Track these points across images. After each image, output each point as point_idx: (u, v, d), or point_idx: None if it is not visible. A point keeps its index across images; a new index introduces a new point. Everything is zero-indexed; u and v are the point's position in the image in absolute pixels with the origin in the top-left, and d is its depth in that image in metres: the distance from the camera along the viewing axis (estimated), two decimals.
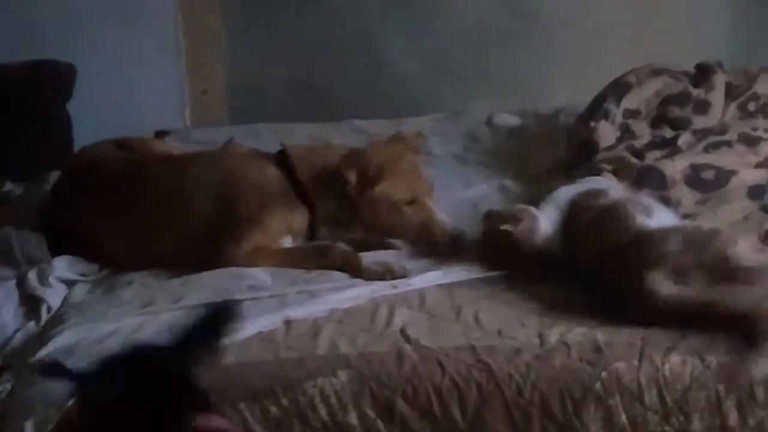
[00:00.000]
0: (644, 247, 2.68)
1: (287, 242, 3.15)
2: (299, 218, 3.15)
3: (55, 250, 3.18)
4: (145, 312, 2.81)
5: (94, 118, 4.27)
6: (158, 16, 4.80)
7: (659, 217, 2.85)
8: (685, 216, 3.04)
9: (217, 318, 2.11)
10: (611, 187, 3.06)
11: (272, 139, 3.67)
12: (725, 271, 2.61)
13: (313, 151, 3.26)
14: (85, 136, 3.83)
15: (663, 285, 2.60)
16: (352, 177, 3.11)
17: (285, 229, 3.14)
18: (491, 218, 3.03)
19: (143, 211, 3.17)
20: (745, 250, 2.65)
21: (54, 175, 3.57)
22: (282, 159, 3.20)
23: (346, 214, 3.15)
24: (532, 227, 2.95)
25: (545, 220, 2.97)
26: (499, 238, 2.96)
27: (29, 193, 3.67)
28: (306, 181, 3.15)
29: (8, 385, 2.60)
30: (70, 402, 2.44)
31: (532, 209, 3.00)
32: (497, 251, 2.99)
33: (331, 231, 3.18)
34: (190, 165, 3.22)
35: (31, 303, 2.96)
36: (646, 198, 3.00)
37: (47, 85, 4.23)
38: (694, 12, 4.92)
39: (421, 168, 3.29)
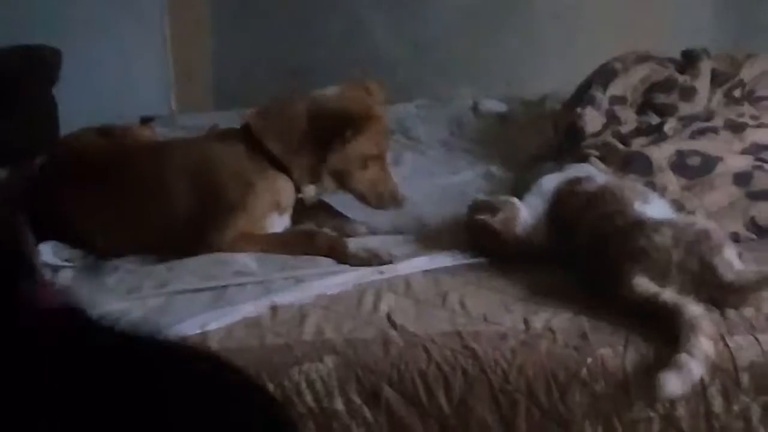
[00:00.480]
0: (633, 235, 2.67)
1: (275, 219, 3.15)
2: (283, 190, 3.16)
3: (40, 236, 3.17)
4: (130, 297, 2.80)
5: (80, 104, 4.26)
6: (145, 3, 4.78)
7: (655, 205, 2.84)
8: (673, 202, 3.04)
9: None
10: (595, 173, 3.06)
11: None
12: (708, 281, 2.60)
13: (274, 115, 3.23)
14: (71, 122, 3.82)
15: (641, 280, 2.59)
16: (348, 133, 3.11)
17: (270, 207, 3.14)
18: (473, 208, 3.03)
19: (125, 199, 3.17)
20: (731, 257, 2.64)
21: (40, 160, 3.56)
22: (247, 132, 3.20)
23: (315, 166, 3.15)
24: (512, 217, 2.94)
25: (526, 211, 2.97)
26: (480, 227, 2.96)
27: (15, 177, 3.66)
28: (274, 147, 3.15)
29: None
30: None
31: (515, 200, 3.00)
32: (478, 240, 2.99)
33: (310, 183, 3.18)
34: (168, 152, 3.22)
35: None
36: (639, 184, 3.00)
37: (33, 70, 4.21)
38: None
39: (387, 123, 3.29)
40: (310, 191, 3.20)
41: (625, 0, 4.91)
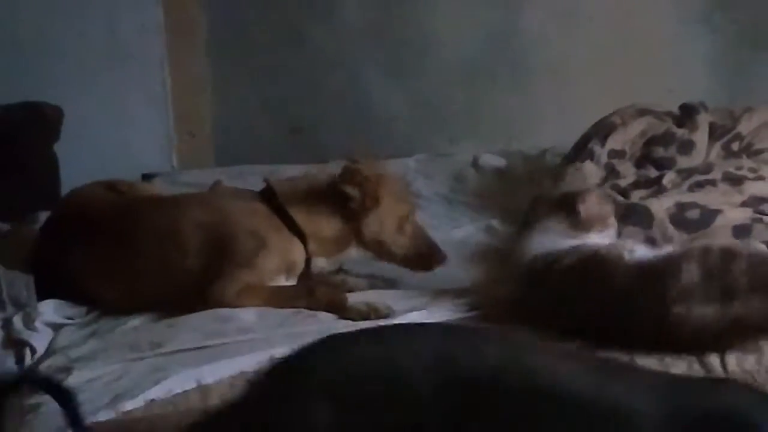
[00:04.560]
0: (660, 281, 2.69)
1: (282, 282, 3.15)
2: (295, 254, 3.16)
3: (44, 291, 3.17)
4: (127, 359, 2.80)
5: (81, 160, 4.28)
6: (145, 59, 4.81)
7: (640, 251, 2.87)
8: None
9: None
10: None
11: (258, 181, 3.68)
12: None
13: (297, 182, 3.27)
14: (73, 178, 3.83)
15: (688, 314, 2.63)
16: (354, 192, 3.12)
17: (279, 269, 3.14)
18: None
19: (133, 253, 3.16)
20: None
21: (42, 216, 3.57)
22: (268, 195, 3.21)
23: (342, 238, 3.17)
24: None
25: None
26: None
27: (17, 233, 3.67)
28: (296, 213, 3.16)
29: None
30: None
31: None
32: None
33: (329, 255, 3.19)
34: (180, 207, 3.22)
35: (16, 347, 2.96)
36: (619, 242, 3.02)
37: (35, 126, 4.24)
38: (676, 53, 4.95)
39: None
40: (322, 263, 3.20)
41: (621, 55, 4.93)
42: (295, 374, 1.89)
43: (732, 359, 2.62)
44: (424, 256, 3.19)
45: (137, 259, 3.15)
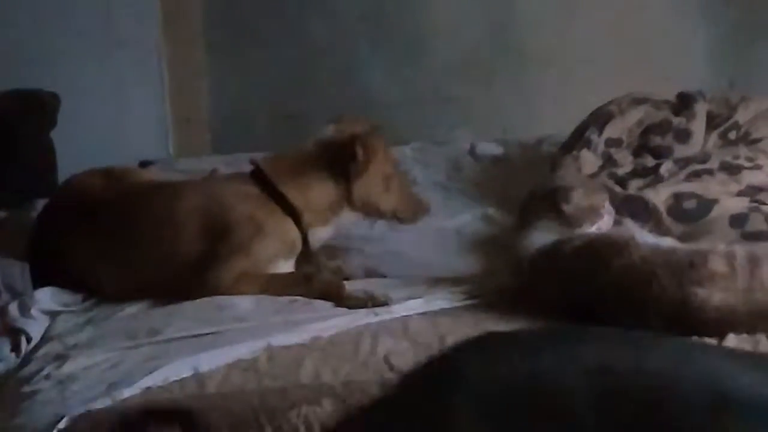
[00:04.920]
0: (684, 264, 2.71)
1: (280, 265, 3.15)
2: (292, 234, 3.17)
3: (40, 279, 3.17)
4: (123, 347, 2.80)
5: (77, 147, 4.28)
6: (142, 46, 4.81)
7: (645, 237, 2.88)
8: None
9: None
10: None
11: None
12: None
13: (284, 157, 3.27)
14: (69, 165, 3.83)
15: (711, 298, 2.65)
16: (361, 153, 3.14)
17: (277, 253, 3.14)
18: None
19: (130, 240, 3.17)
20: None
21: (38, 203, 3.57)
22: (258, 176, 3.21)
23: (335, 202, 3.18)
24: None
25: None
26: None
27: (13, 220, 3.67)
28: (287, 190, 3.16)
29: None
30: (54, 431, 2.44)
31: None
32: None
33: (323, 224, 3.20)
34: (176, 194, 3.22)
35: (12, 334, 2.95)
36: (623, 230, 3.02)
37: (32, 113, 4.24)
38: (673, 41, 4.95)
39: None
40: (320, 234, 3.21)
41: (619, 45, 4.93)
42: (443, 377, 1.83)
43: (729, 344, 2.63)
44: (410, 209, 3.26)
45: (133, 246, 3.16)
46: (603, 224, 3.02)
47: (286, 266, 3.17)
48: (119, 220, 3.20)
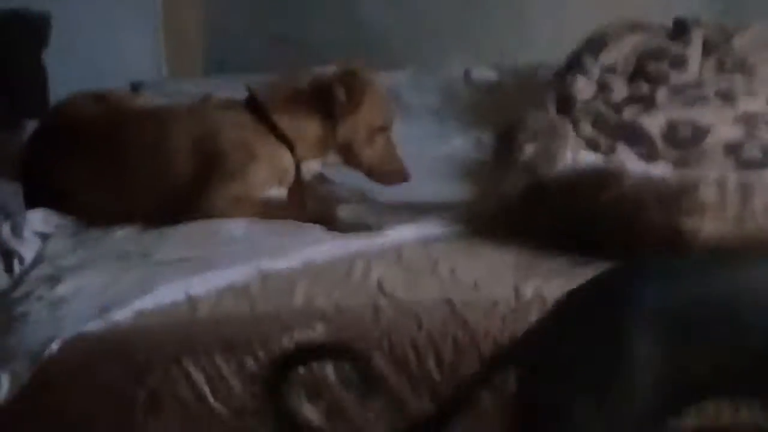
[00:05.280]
0: (674, 193, 2.71)
1: (273, 192, 3.15)
2: (285, 163, 3.16)
3: (32, 202, 3.17)
4: (115, 268, 2.79)
5: (69, 68, 4.24)
6: None
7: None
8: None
9: None
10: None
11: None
12: None
13: (279, 86, 3.25)
14: (61, 86, 3.81)
15: (702, 227, 2.65)
16: (341, 94, 3.12)
17: (270, 179, 3.14)
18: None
19: (122, 164, 3.16)
20: None
21: (29, 124, 3.55)
22: (253, 103, 3.20)
23: (322, 139, 3.18)
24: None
25: None
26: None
27: (4, 142, 3.65)
28: (281, 120, 3.15)
29: None
30: (46, 352, 2.45)
31: None
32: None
33: (314, 157, 3.19)
34: (171, 119, 3.21)
35: (4, 255, 2.95)
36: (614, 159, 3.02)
37: (21, 34, 4.20)
38: None
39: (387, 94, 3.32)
40: (311, 166, 3.20)
41: None
42: (616, 301, 1.83)
43: None
44: (388, 171, 3.21)
45: (125, 171, 3.15)
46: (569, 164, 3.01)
47: (278, 194, 3.17)
48: (111, 145, 3.19)
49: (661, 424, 1.80)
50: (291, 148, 3.16)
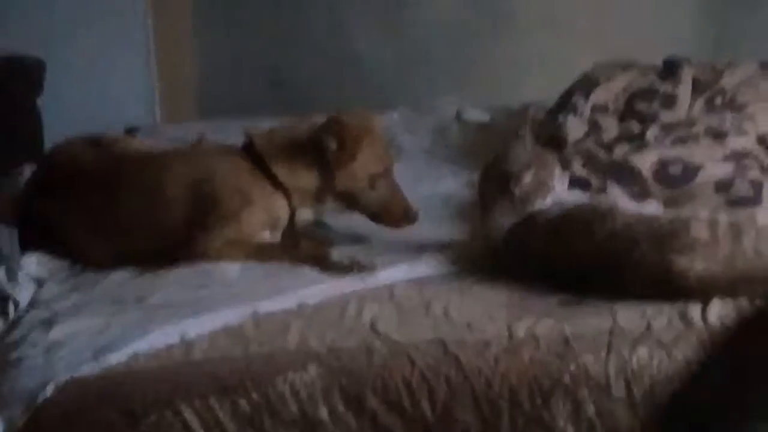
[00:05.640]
0: (667, 230, 2.73)
1: (266, 237, 3.17)
2: (279, 211, 3.18)
3: (28, 245, 3.18)
4: (109, 313, 2.80)
5: (63, 113, 4.28)
6: (128, 11, 4.80)
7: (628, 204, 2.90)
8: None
9: None
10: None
11: (241, 134, 3.67)
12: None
13: (278, 134, 3.26)
14: (55, 131, 3.83)
15: (693, 265, 2.67)
16: (332, 144, 3.14)
17: (263, 225, 3.16)
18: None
19: (119, 207, 3.18)
20: None
21: (26, 169, 3.57)
22: (250, 149, 3.22)
23: (320, 189, 3.18)
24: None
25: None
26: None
27: (1, 186, 3.66)
28: (277, 168, 3.17)
29: None
30: (41, 396, 2.45)
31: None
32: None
33: (310, 206, 3.21)
34: (166, 162, 3.23)
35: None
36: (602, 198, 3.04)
37: (17, 79, 4.23)
38: (660, 8, 4.95)
39: (386, 141, 3.34)
40: (306, 215, 3.22)
41: (606, 10, 4.93)
42: None
43: (713, 313, 2.64)
44: (394, 214, 3.20)
45: (123, 214, 3.17)
46: (557, 194, 3.03)
47: (272, 239, 3.18)
48: (108, 189, 3.20)
49: None
50: (287, 196, 3.18)
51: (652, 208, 2.96)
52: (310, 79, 4.99)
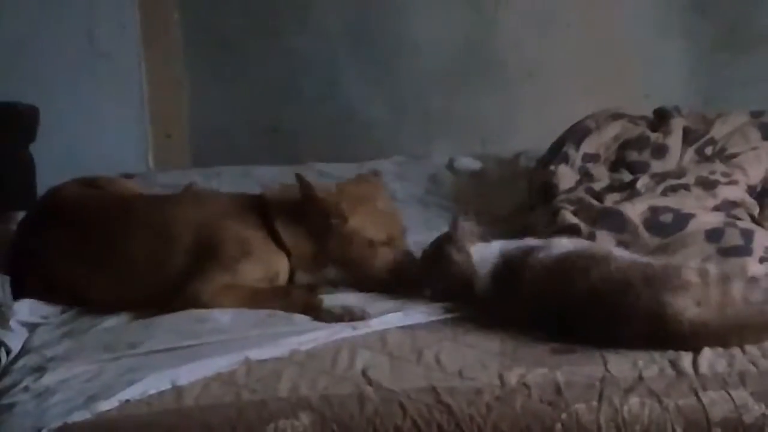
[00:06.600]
0: (659, 277, 2.76)
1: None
2: (278, 266, 3.18)
3: (20, 291, 3.17)
4: (102, 359, 2.80)
5: (57, 161, 4.28)
6: (122, 60, 4.81)
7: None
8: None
9: None
10: (551, 244, 3.04)
11: (234, 181, 3.69)
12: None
13: (289, 194, 3.26)
14: (48, 178, 3.83)
15: (686, 308, 2.70)
16: (327, 211, 3.14)
17: (260, 280, 3.16)
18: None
19: (119, 251, 3.18)
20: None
21: (17, 215, 3.57)
22: (261, 203, 3.22)
23: (320, 253, 3.18)
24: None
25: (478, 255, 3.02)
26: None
27: None
28: (282, 229, 3.18)
29: None
30: None
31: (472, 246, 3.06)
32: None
33: (309, 272, 3.20)
34: (173, 206, 3.24)
35: None
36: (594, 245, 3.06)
37: (10, 126, 4.23)
38: (651, 58, 4.97)
39: (395, 210, 3.34)
40: (305, 279, 3.22)
41: (597, 59, 4.95)
42: None
43: (704, 362, 2.65)
44: (404, 283, 3.16)
45: (122, 257, 3.17)
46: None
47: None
48: (107, 231, 3.20)
49: None
50: (288, 255, 3.18)
51: (644, 257, 2.97)
52: (303, 129, 5.00)
